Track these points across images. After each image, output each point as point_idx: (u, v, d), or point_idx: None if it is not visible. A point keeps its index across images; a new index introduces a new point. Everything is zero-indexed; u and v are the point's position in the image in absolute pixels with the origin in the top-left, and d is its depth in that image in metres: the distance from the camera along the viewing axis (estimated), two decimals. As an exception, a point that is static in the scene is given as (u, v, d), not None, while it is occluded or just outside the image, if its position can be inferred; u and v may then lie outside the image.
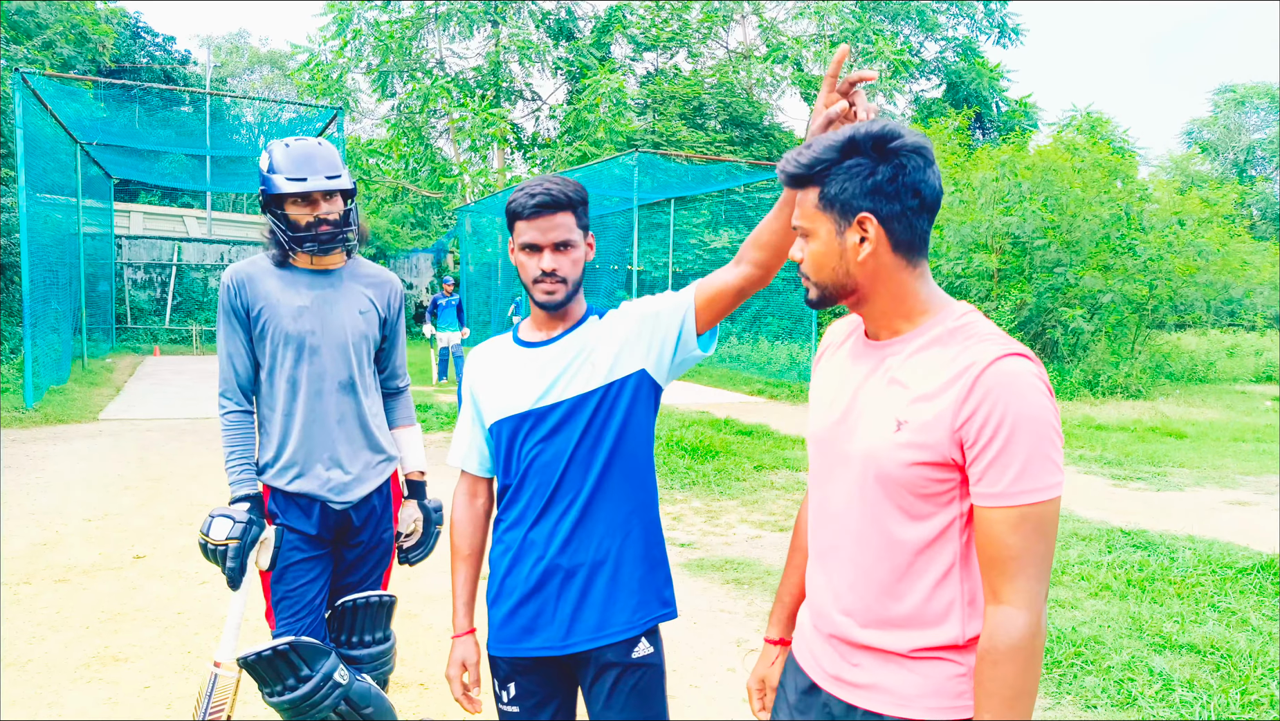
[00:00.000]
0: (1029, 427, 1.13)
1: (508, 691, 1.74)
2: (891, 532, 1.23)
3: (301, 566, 2.22)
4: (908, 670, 1.24)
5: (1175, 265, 14.78)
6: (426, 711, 3.10)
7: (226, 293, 2.20)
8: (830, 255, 1.24)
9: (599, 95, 21.66)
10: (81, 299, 14.73)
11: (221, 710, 2.09)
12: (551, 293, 1.67)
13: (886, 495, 1.22)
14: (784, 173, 1.27)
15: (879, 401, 1.24)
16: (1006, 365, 1.14)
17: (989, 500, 1.15)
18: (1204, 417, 11.81)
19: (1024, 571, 1.14)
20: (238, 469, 2.20)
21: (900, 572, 1.23)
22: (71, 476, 6.74)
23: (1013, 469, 1.13)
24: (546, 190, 1.64)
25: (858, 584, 1.27)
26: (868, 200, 1.20)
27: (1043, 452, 1.13)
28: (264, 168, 2.18)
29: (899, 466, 1.19)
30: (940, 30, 26.91)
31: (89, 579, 4.43)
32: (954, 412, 1.15)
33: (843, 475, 1.28)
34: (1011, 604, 1.14)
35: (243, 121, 15.57)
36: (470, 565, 1.79)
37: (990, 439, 1.13)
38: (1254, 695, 3.17)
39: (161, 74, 29.41)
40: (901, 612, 1.24)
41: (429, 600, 4.22)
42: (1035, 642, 1.14)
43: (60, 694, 3.16)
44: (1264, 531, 5.74)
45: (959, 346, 1.19)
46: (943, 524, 1.21)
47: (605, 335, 1.73)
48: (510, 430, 1.70)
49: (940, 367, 1.19)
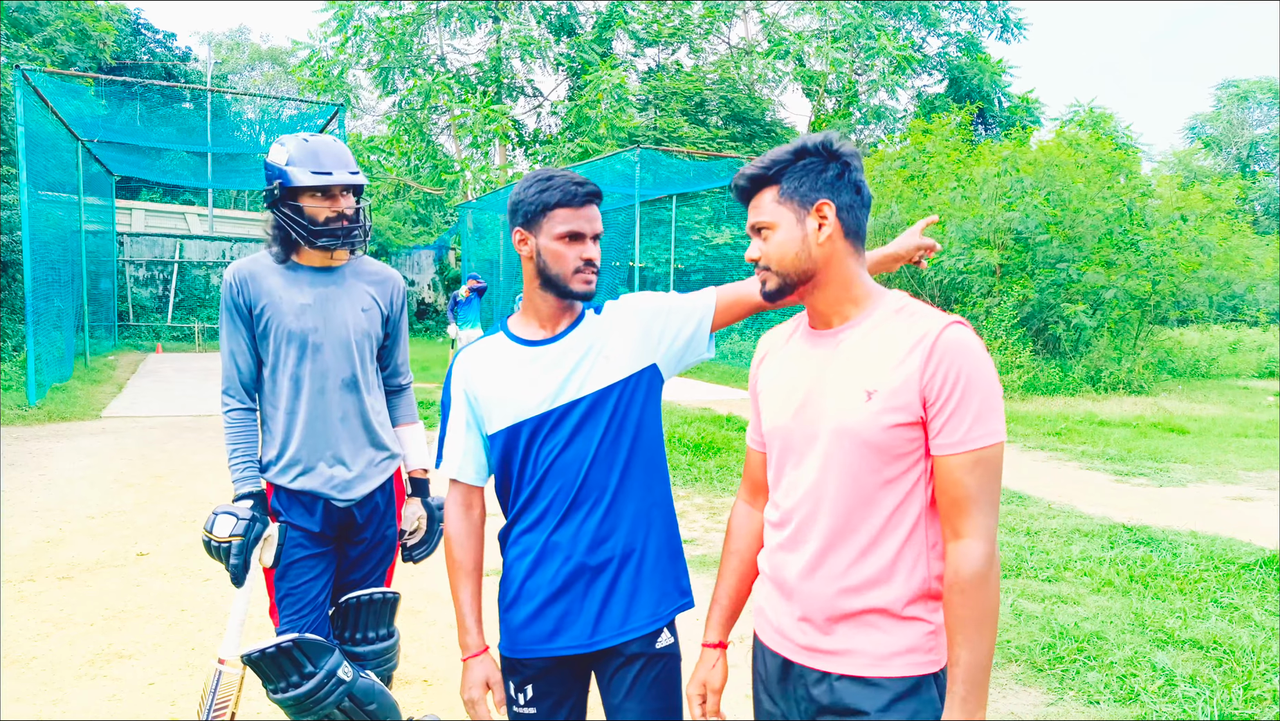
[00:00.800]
0: (978, 383, 1.30)
1: (525, 694, 1.70)
2: (869, 496, 1.35)
3: (305, 564, 2.22)
4: (881, 631, 1.36)
5: (1178, 261, 14.76)
6: (430, 708, 3.11)
7: (228, 290, 2.20)
8: (793, 241, 1.40)
9: (600, 91, 21.64)
10: (84, 296, 14.75)
11: (226, 707, 2.10)
12: (589, 281, 1.67)
13: (864, 461, 1.34)
14: (744, 177, 1.43)
15: (844, 379, 1.37)
16: (955, 331, 1.32)
17: (949, 448, 1.30)
18: (1206, 413, 11.80)
19: (979, 509, 1.30)
20: (240, 466, 2.20)
21: (876, 531, 1.36)
22: (74, 474, 6.75)
23: (968, 419, 1.29)
24: (588, 181, 1.68)
25: (834, 552, 1.38)
26: (823, 191, 1.39)
27: (990, 405, 1.30)
28: (279, 161, 2.16)
29: (878, 431, 1.33)
30: (942, 25, 26.83)
31: (92, 576, 4.44)
32: (919, 374, 1.31)
33: (813, 455, 1.40)
34: (971, 536, 1.30)
35: (244, 118, 15.59)
36: (474, 580, 1.72)
37: (949, 394, 1.29)
38: (1256, 690, 3.17)
39: (162, 71, 29.42)
40: (879, 567, 1.35)
41: (432, 596, 4.23)
42: (993, 570, 1.30)
43: (64, 691, 3.17)
44: (1266, 527, 5.73)
45: (909, 321, 1.36)
46: (912, 480, 1.35)
47: (613, 329, 1.72)
48: (528, 433, 1.65)
49: (899, 340, 1.34)
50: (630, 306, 1.77)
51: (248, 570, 2.13)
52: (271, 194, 2.17)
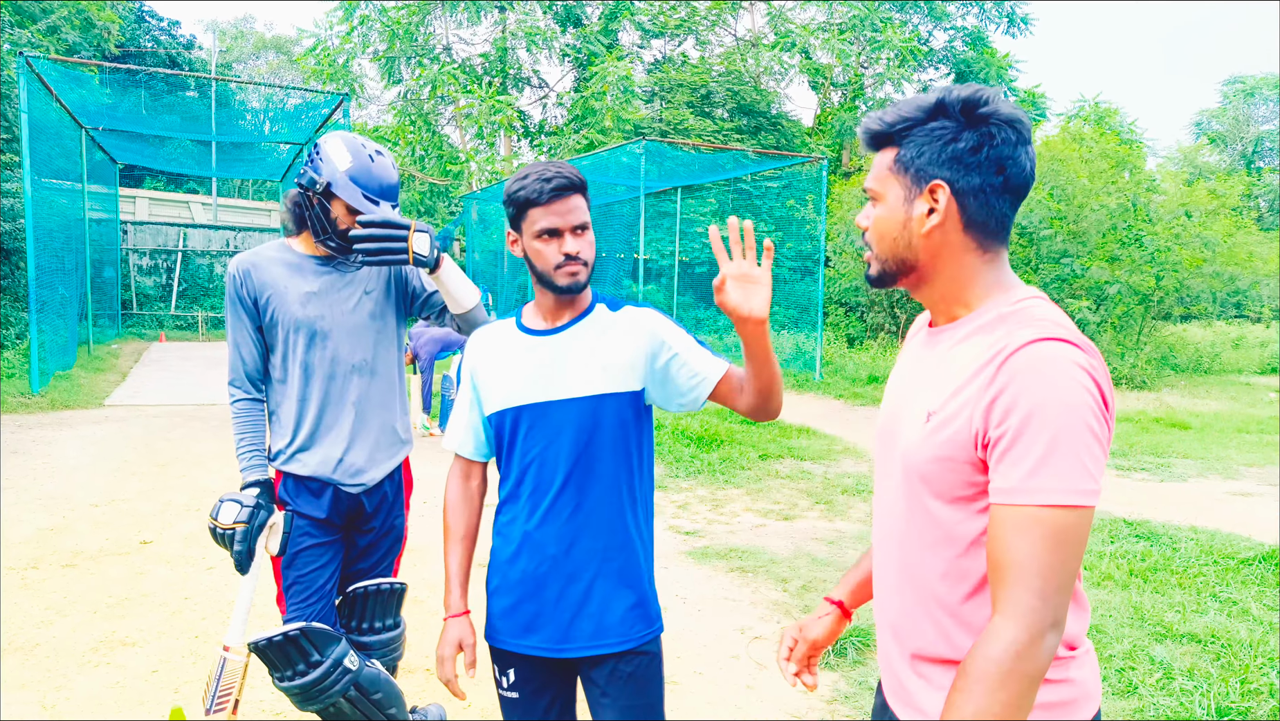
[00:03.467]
0: (1052, 417, 0.96)
1: (507, 677, 1.74)
2: (922, 536, 1.13)
3: (312, 552, 2.24)
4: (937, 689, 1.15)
5: (1182, 257, 14.72)
6: (433, 697, 3.13)
7: (232, 282, 2.21)
8: (893, 223, 1.14)
9: (606, 83, 21.58)
10: (87, 285, 14.77)
11: (229, 694, 2.11)
12: (575, 274, 1.64)
13: (916, 495, 1.12)
14: (866, 130, 1.16)
15: (916, 392, 1.15)
16: (1040, 348, 1.00)
17: (998, 495, 1.00)
18: (1208, 409, 11.79)
19: (1027, 583, 0.97)
20: (248, 455, 2.22)
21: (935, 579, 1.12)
22: (78, 462, 6.78)
23: (1026, 462, 0.97)
24: (559, 173, 1.62)
25: (902, 587, 1.18)
26: (944, 168, 1.09)
27: (1069, 449, 0.96)
28: (338, 165, 2.11)
29: (925, 461, 1.09)
30: (949, 19, 26.70)
31: (96, 564, 4.46)
32: (977, 401, 1.02)
33: (888, 473, 1.20)
34: (1003, 614, 0.98)
35: (248, 107, 15.54)
36: (464, 546, 1.79)
37: (1005, 426, 0.99)
38: (1253, 684, 3.18)
39: (166, 59, 29.37)
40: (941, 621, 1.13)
41: (436, 587, 4.25)
42: (1018, 665, 0.96)
43: (68, 678, 3.19)
44: (1266, 522, 5.74)
45: (1001, 331, 1.06)
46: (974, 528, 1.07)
47: (621, 338, 1.68)
48: (511, 422, 1.68)
49: (975, 355, 1.06)
50: (648, 325, 1.70)
51: (252, 557, 2.14)
52: (312, 179, 2.14)
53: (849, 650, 3.49)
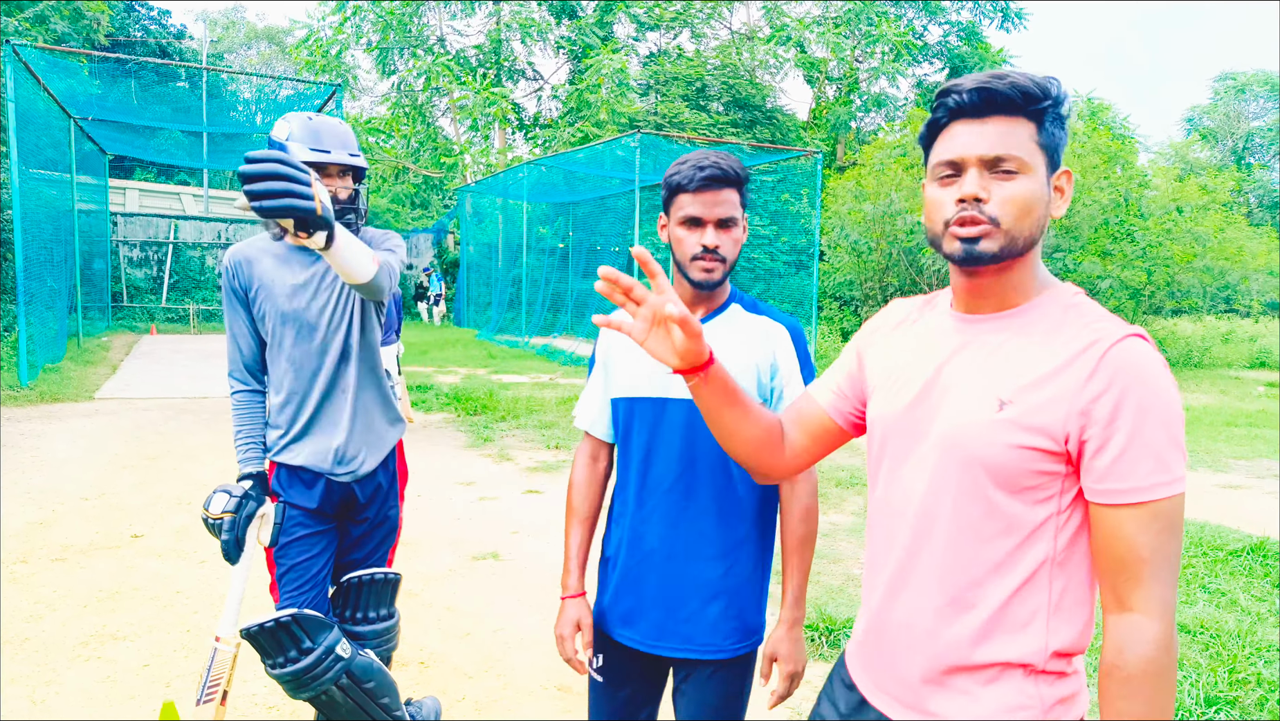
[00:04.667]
0: (1162, 414, 1.01)
1: (598, 660, 1.77)
2: (975, 529, 1.09)
3: (305, 541, 2.24)
4: (970, 697, 1.11)
5: (1173, 252, 14.79)
6: (427, 689, 3.13)
7: (226, 275, 2.24)
8: (1040, 200, 1.08)
9: (601, 75, 21.52)
10: (76, 276, 14.68)
11: (218, 685, 2.11)
12: (710, 270, 1.59)
13: (975, 484, 1.08)
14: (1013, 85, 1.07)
15: (974, 378, 1.11)
16: (1135, 345, 1.03)
17: (1118, 496, 1.02)
18: (1198, 402, 11.86)
19: (1157, 576, 1.02)
20: (243, 447, 2.25)
21: (983, 571, 1.09)
22: (68, 455, 6.74)
23: (1146, 460, 1.00)
24: (715, 163, 1.57)
25: (930, 586, 1.13)
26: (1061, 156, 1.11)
27: (1175, 444, 1.02)
28: (280, 136, 2.17)
29: (999, 449, 1.06)
30: (944, 14, 26.72)
31: (86, 558, 4.44)
32: (1076, 393, 1.02)
33: (919, 462, 1.14)
34: (1144, 612, 1.02)
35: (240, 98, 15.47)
36: (585, 528, 1.77)
37: (1120, 426, 1.00)
38: (1241, 673, 3.21)
39: (156, 48, 29.16)
40: (979, 618, 1.10)
41: (429, 579, 4.25)
42: (1171, 656, 1.02)
43: (58, 672, 3.17)
44: (1255, 514, 5.78)
45: (1077, 324, 1.07)
46: (1038, 521, 1.07)
47: (741, 344, 1.64)
48: (627, 411, 1.68)
49: (1057, 343, 1.06)
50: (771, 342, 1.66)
51: (241, 547, 2.14)
52: None
53: (842, 640, 3.51)
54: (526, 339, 17.63)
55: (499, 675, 3.26)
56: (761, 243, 21.49)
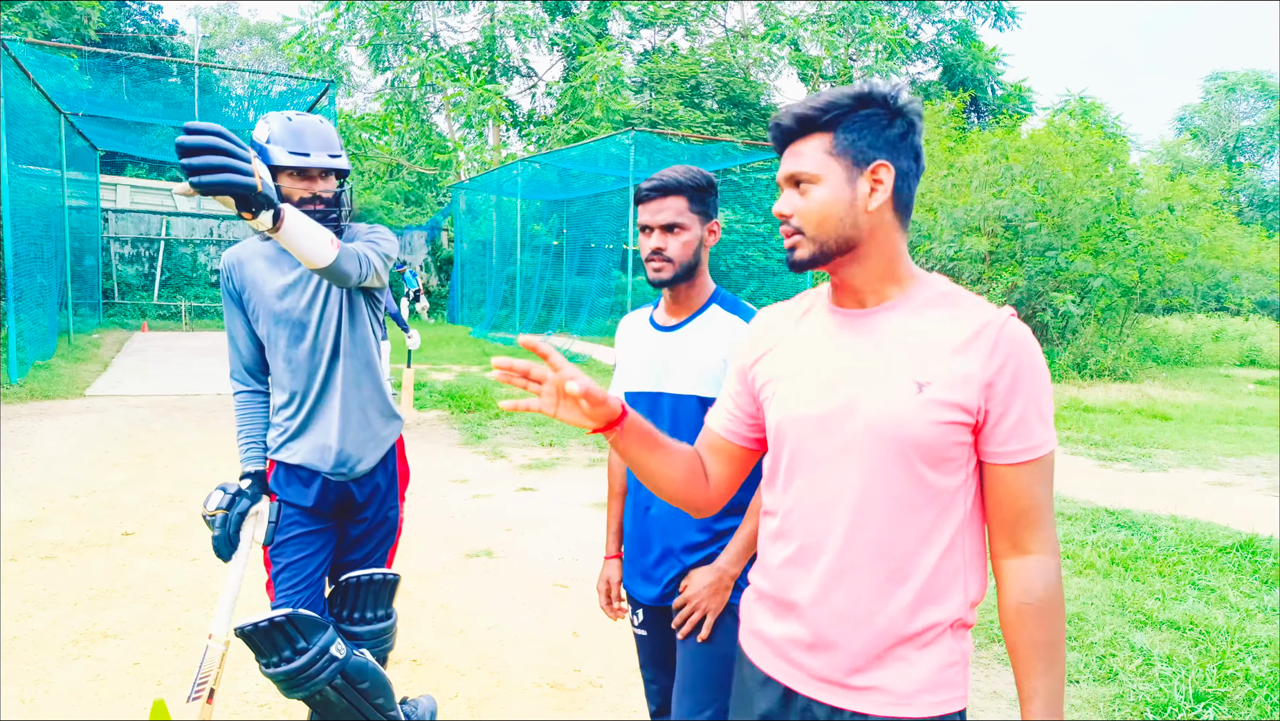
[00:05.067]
0: (1044, 383, 1.18)
1: (637, 616, 2.02)
2: (907, 505, 1.18)
3: (302, 540, 2.24)
4: (908, 664, 1.20)
5: (1165, 250, 14.85)
6: (420, 687, 3.13)
7: (223, 278, 2.25)
8: (839, 203, 1.19)
9: (596, 73, 21.49)
10: (67, 273, 14.58)
11: (207, 682, 2.10)
12: (659, 270, 1.81)
13: (906, 464, 1.17)
14: (791, 115, 1.21)
15: (884, 366, 1.19)
16: (1019, 325, 1.18)
17: (1019, 455, 1.16)
18: (1189, 400, 11.92)
19: (1045, 519, 1.18)
20: (244, 446, 2.27)
21: (911, 548, 1.19)
22: (58, 453, 6.71)
23: (1037, 422, 1.16)
24: (661, 177, 1.81)
25: (860, 570, 1.20)
26: (884, 151, 1.19)
27: (1050, 405, 1.19)
28: (260, 138, 2.16)
29: (925, 426, 1.15)
30: (937, 12, 26.77)
31: (76, 556, 4.42)
32: (982, 369, 1.15)
33: (841, 456, 1.21)
34: (1043, 552, 1.18)
35: (232, 94, 15.37)
36: (620, 502, 2.07)
37: (1019, 394, 1.15)
38: (1230, 669, 3.23)
39: (148, 44, 28.96)
40: (911, 590, 1.19)
41: (422, 577, 4.24)
42: (1061, 588, 1.19)
43: (48, 670, 3.16)
44: (1244, 511, 5.82)
45: (962, 309, 1.20)
46: (954, 489, 1.19)
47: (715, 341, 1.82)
48: (631, 403, 1.88)
49: (953, 328, 1.18)
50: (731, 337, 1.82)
51: (233, 545, 2.15)
52: None
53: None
54: (520, 336, 17.58)
55: (492, 673, 3.26)
56: (756, 240, 21.51)
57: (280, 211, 1.78)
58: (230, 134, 1.63)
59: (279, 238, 1.82)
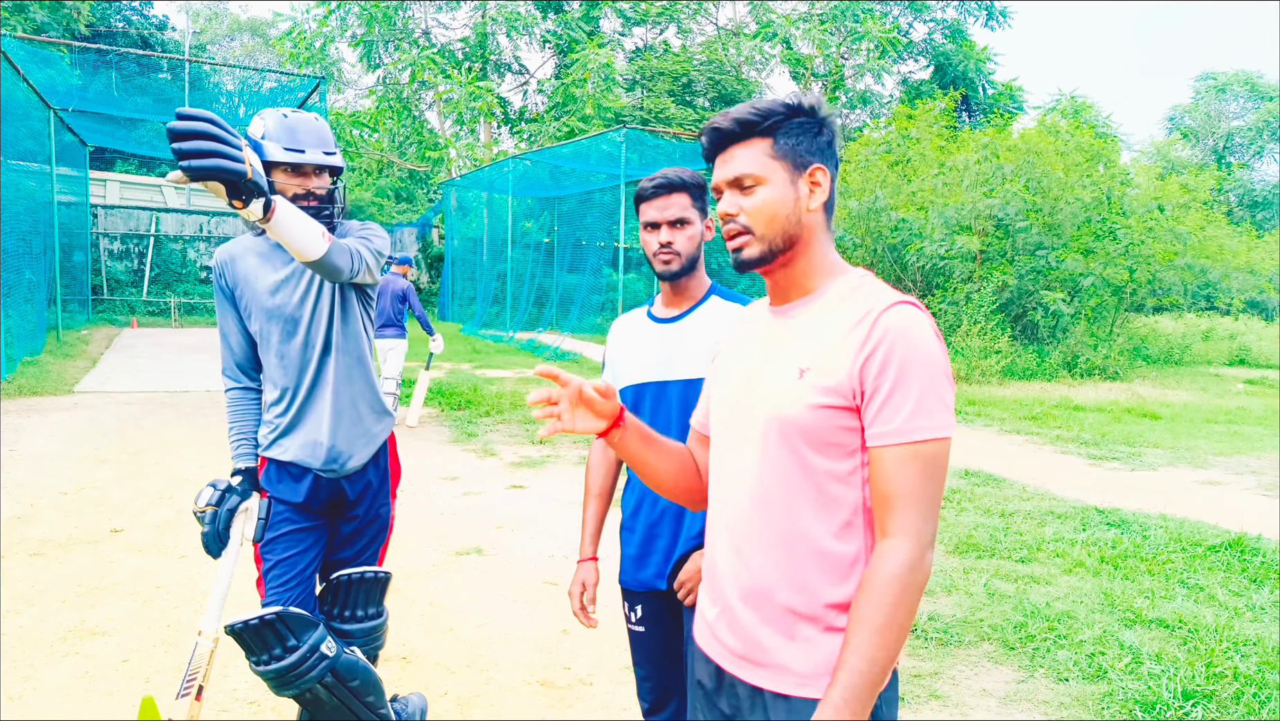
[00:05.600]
0: (921, 368, 1.17)
1: (635, 613, 2.03)
2: (797, 488, 1.23)
3: (292, 537, 2.23)
4: (812, 645, 1.23)
5: (1155, 250, 14.93)
6: (409, 685, 3.12)
7: (215, 274, 2.24)
8: (785, 202, 1.26)
9: (587, 70, 21.46)
10: (56, 269, 14.49)
11: (195, 679, 2.09)
12: (668, 262, 1.91)
13: (792, 448, 1.22)
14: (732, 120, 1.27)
15: (782, 356, 1.27)
16: (901, 310, 1.20)
17: (883, 438, 1.17)
18: (1178, 400, 11.99)
19: (911, 507, 1.16)
20: (235, 443, 2.27)
21: (805, 530, 1.23)
22: (46, 449, 6.66)
23: (906, 407, 1.16)
24: (665, 175, 1.90)
25: (763, 550, 1.26)
26: (817, 156, 1.28)
27: (935, 392, 1.17)
28: (255, 134, 2.15)
29: (804, 410, 1.20)
30: (929, 11, 26.83)
31: (65, 552, 4.39)
32: (854, 354, 1.19)
33: (748, 442, 1.28)
34: (896, 535, 1.16)
35: (223, 90, 15.28)
36: (599, 503, 2.07)
37: (884, 377, 1.17)
38: (1219, 667, 3.25)
39: (138, 39, 28.78)
40: (807, 571, 1.23)
41: (412, 575, 4.23)
42: (913, 576, 1.14)
43: (36, 667, 3.14)
44: (1233, 510, 5.85)
45: (859, 299, 1.25)
46: (845, 473, 1.22)
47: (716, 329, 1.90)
48: (635, 396, 1.96)
49: (843, 317, 1.23)
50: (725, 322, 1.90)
51: (222, 541, 2.14)
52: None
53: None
54: (511, 334, 17.57)
55: (482, 670, 3.26)
56: (747, 239, 21.45)
57: (271, 201, 1.78)
58: (221, 120, 1.63)
59: (269, 229, 1.82)
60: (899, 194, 15.93)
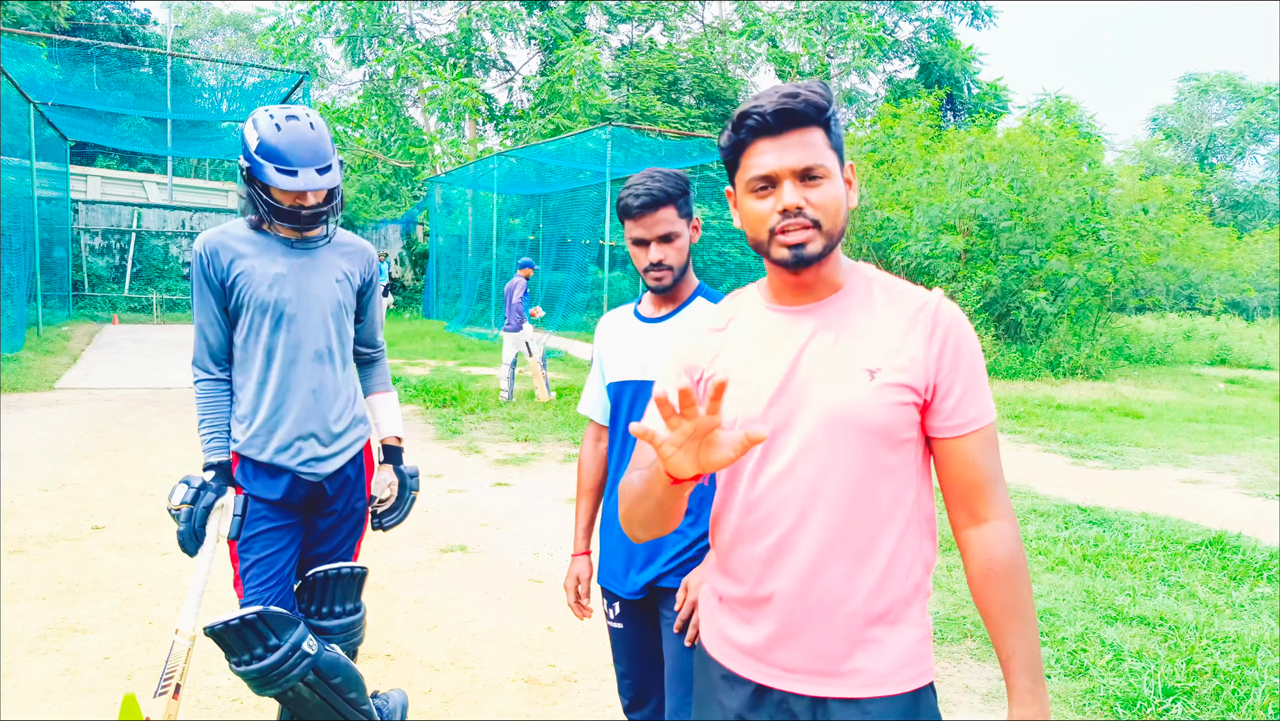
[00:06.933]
0: (978, 355, 1.23)
1: (613, 610, 2.04)
2: (868, 488, 1.20)
3: (270, 535, 2.20)
4: (882, 644, 1.21)
5: (1138, 251, 15.06)
6: (393, 682, 3.10)
7: (199, 262, 2.16)
8: (842, 199, 1.22)
9: (573, 67, 21.42)
10: (36, 265, 14.32)
11: (173, 678, 2.07)
12: (660, 278, 1.88)
13: (865, 449, 1.19)
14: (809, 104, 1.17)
15: (833, 359, 1.21)
16: (951, 304, 1.24)
17: (965, 428, 1.20)
18: (1160, 399, 12.10)
19: (1000, 487, 1.21)
20: (207, 437, 2.19)
21: (874, 529, 1.21)
22: (26, 446, 6.59)
23: (980, 394, 1.21)
24: (648, 190, 1.82)
25: (832, 557, 1.20)
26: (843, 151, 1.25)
27: (985, 377, 1.24)
28: (250, 144, 2.08)
29: (882, 410, 1.18)
30: (914, 10, 26.95)
31: (45, 550, 4.34)
32: (925, 349, 1.19)
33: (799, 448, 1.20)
34: (999, 518, 1.20)
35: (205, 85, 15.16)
36: (590, 498, 2.09)
37: (959, 369, 1.20)
38: (1199, 664, 3.29)
39: (119, 33, 28.46)
40: (878, 571, 1.20)
41: (396, 572, 4.21)
42: (1024, 551, 1.21)
43: (15, 665, 3.10)
44: (1214, 509, 5.91)
45: (896, 292, 1.25)
46: (906, 465, 1.22)
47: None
48: (617, 393, 1.96)
49: (893, 313, 1.22)
50: None
51: (197, 539, 2.11)
52: (240, 166, 2.13)
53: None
54: (496, 331, 17.52)
55: (465, 668, 3.25)
56: (732, 237, 21.54)
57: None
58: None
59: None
60: (884, 193, 15.99)
